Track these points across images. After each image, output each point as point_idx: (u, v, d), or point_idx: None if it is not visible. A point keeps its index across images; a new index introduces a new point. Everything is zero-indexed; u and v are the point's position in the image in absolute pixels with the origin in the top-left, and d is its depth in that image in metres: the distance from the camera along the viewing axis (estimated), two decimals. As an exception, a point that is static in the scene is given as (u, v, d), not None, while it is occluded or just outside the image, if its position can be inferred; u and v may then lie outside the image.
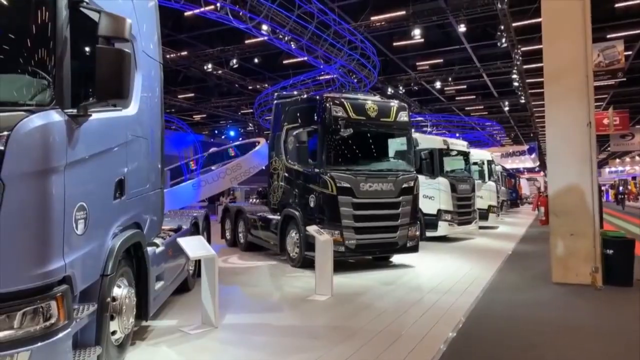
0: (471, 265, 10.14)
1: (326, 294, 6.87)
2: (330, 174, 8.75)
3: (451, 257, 11.32)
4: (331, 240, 7.04)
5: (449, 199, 14.08)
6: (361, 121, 9.18)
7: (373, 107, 9.32)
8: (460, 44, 23.45)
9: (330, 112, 8.90)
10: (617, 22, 20.34)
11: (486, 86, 30.87)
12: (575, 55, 8.22)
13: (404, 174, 9.47)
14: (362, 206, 8.94)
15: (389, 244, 9.29)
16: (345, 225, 8.79)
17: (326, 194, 8.76)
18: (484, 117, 40.94)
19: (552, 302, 7.03)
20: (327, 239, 6.91)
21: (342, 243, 8.76)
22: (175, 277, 6.19)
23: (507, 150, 47.22)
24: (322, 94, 9.16)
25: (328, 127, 8.91)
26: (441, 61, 26.36)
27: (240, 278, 8.59)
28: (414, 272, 9.34)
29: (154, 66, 5.26)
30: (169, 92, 32.37)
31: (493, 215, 18.90)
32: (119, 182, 4.04)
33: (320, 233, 6.96)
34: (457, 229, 14.39)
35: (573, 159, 8.17)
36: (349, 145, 9.37)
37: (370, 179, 9.01)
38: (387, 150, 10.08)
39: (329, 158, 8.98)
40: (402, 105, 9.85)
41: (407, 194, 9.41)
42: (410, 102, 32.21)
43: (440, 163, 14.30)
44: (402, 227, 9.36)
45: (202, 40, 21.84)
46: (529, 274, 9.14)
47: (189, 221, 7.33)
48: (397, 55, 25.27)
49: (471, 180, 15.39)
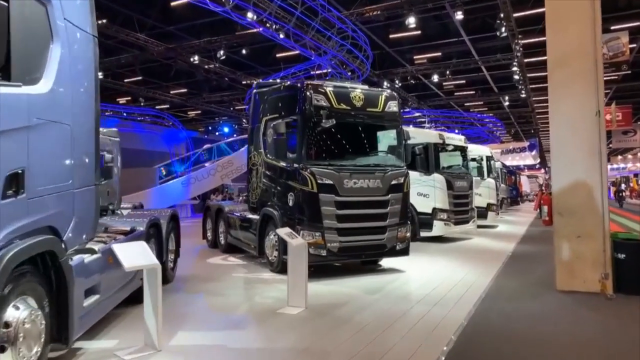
0: (467, 269, 9.30)
1: (299, 306, 6.02)
2: (311, 170, 7.89)
3: (446, 260, 10.47)
4: (305, 244, 6.19)
5: (445, 196, 13.23)
6: (345, 111, 8.32)
7: (359, 96, 8.46)
8: (458, 36, 22.60)
9: (311, 101, 8.04)
10: (621, 13, 19.47)
11: (486, 81, 29.98)
12: (583, 39, 7.34)
13: (393, 170, 8.61)
14: (346, 205, 8.09)
15: (376, 247, 8.44)
16: (327, 227, 7.94)
17: (306, 191, 7.91)
18: (483, 113, 40.06)
19: (557, 315, 6.19)
20: (301, 243, 6.06)
21: (324, 246, 7.92)
22: (122, 288, 5.35)
23: (507, 146, 46.41)
24: (302, 81, 8.29)
25: (308, 118, 8.05)
26: (439, 54, 25.49)
27: (208, 285, 7.74)
28: (403, 277, 8.48)
29: (84, 39, 4.41)
30: (161, 88, 31.57)
31: (492, 213, 18.04)
32: (10, 177, 3.19)
33: (292, 236, 6.10)
34: (454, 228, 13.53)
35: (580, 152, 7.31)
36: (331, 138, 8.52)
37: (355, 175, 8.15)
38: (375, 144, 9.22)
39: (310, 152, 8.13)
40: (391, 95, 8.99)
41: (396, 191, 8.56)
42: (408, 97, 31.34)
43: (436, 159, 13.43)
44: (391, 228, 8.51)
45: (192, 32, 20.95)
46: (530, 280, 8.30)
47: (145, 222, 6.46)
48: (394, 49, 24.39)
49: (469, 177, 14.53)
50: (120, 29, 18.67)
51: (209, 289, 7.45)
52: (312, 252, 7.85)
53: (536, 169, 58.34)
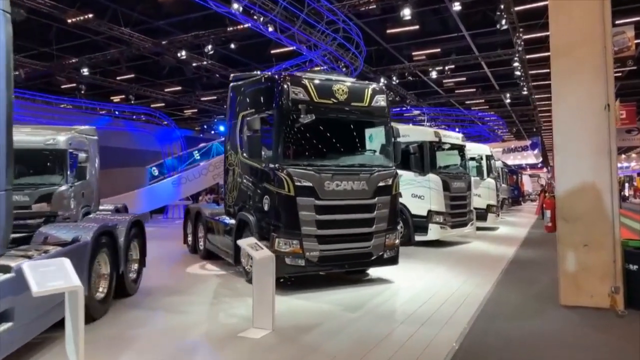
0: (463, 278, 8.52)
1: (266, 327, 5.24)
2: (287, 171, 7.11)
3: (441, 268, 9.68)
4: (272, 257, 5.40)
5: (441, 198, 12.43)
6: (327, 105, 7.53)
7: (342, 88, 7.67)
8: (458, 31, 21.81)
9: (288, 95, 7.25)
10: (627, 7, 18.63)
11: (486, 78, 29.17)
12: (591, 23, 6.55)
13: (381, 170, 7.82)
14: (327, 209, 7.30)
15: (361, 255, 7.65)
16: (306, 234, 7.15)
17: (282, 195, 7.12)
18: (484, 111, 39.21)
19: (561, 335, 5.42)
20: (266, 256, 5.28)
21: (302, 255, 7.13)
22: (50, 311, 4.57)
23: (508, 145, 45.48)
24: (280, 73, 7.51)
25: (285, 113, 7.26)
26: (438, 50, 24.69)
27: (172, 300, 6.97)
28: (391, 290, 7.69)
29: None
30: (154, 86, 30.81)
31: (492, 215, 17.21)
32: None
33: (256, 248, 5.32)
34: (451, 232, 12.74)
35: (587, 150, 6.52)
36: (312, 136, 7.74)
37: (337, 176, 7.36)
38: (361, 142, 8.41)
39: (287, 151, 7.36)
40: (379, 88, 8.19)
41: (384, 194, 7.77)
42: (407, 95, 30.55)
43: (431, 158, 12.63)
44: (378, 235, 7.72)
45: (183, 28, 20.15)
46: (531, 292, 7.51)
47: (92, 231, 5.67)
48: (392, 44, 23.62)
49: (467, 177, 13.72)
50: (102, 22, 17.90)
51: (171, 304, 6.68)
52: (289, 262, 7.10)
53: (538, 168, 57.43)
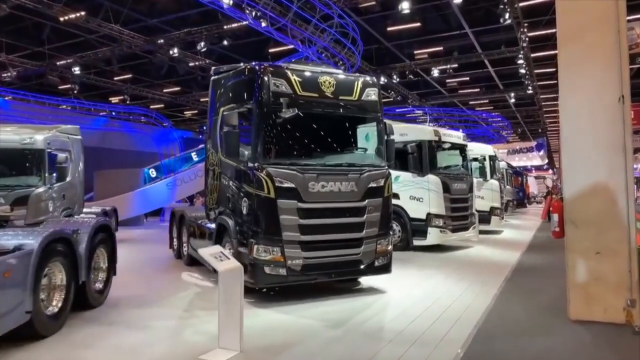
0: (463, 287, 7.84)
1: (232, 348, 4.59)
2: (267, 171, 6.46)
3: (439, 275, 8.99)
4: (239, 269, 4.74)
5: (441, 200, 11.74)
6: (312, 99, 6.88)
7: (329, 81, 7.01)
8: (461, 29, 21.14)
9: (269, 87, 6.60)
10: (636, 2, 17.89)
11: (490, 78, 28.44)
12: (603, 4, 5.88)
13: (372, 170, 7.16)
14: (311, 213, 6.64)
15: (350, 264, 6.98)
16: (288, 240, 6.50)
17: (261, 197, 6.47)
18: (489, 112, 38.45)
19: (571, 355, 4.76)
20: (232, 268, 4.62)
21: (283, 264, 6.47)
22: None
23: (513, 146, 44.67)
24: (260, 64, 6.87)
25: (265, 107, 6.61)
26: (441, 49, 24.03)
27: (139, 313, 6.33)
28: (382, 301, 7.01)
29: None
30: (153, 86, 30.29)
31: (496, 218, 16.47)
32: None
33: (221, 258, 4.67)
34: (451, 236, 12.04)
35: (599, 147, 5.84)
36: (295, 132, 7.08)
37: (323, 176, 6.70)
38: (349, 139, 7.73)
39: (267, 149, 6.70)
40: (370, 81, 7.52)
41: (375, 196, 7.11)
42: (409, 95, 29.85)
43: (431, 158, 11.94)
44: (368, 241, 7.05)
45: (178, 26, 19.59)
46: (537, 303, 6.81)
47: (41, 237, 5.01)
48: (393, 43, 22.97)
49: (468, 178, 13.02)
50: (93, 19, 17.34)
51: (135, 318, 6.03)
52: (269, 271, 6.45)
53: (544, 169, 56.51)
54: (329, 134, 7.45)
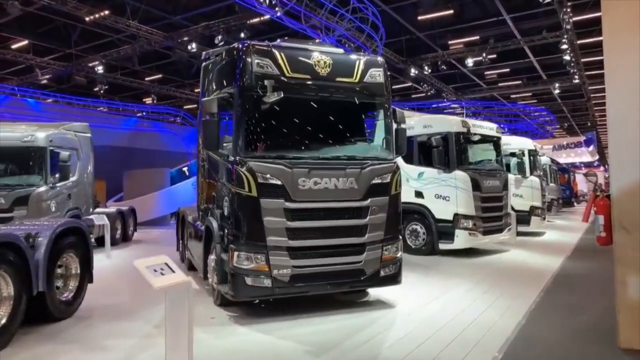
0: (489, 301, 6.67)
1: (177, 382, 3.70)
2: (249, 165, 5.54)
3: (464, 285, 7.81)
4: (185, 285, 3.81)
5: (470, 199, 10.48)
6: (303, 82, 5.90)
7: (324, 60, 6.02)
8: (498, 16, 19.60)
9: (251, 68, 5.68)
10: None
11: (532, 69, 26.54)
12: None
13: (375, 164, 6.11)
14: (301, 214, 5.68)
15: (350, 273, 5.96)
16: (274, 246, 5.55)
17: (242, 196, 5.56)
18: (532, 105, 36.16)
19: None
20: (173, 285, 3.71)
21: (268, 273, 5.53)
22: None
23: (559, 142, 41.92)
24: (245, 42, 5.95)
25: (246, 91, 5.69)
26: (477, 38, 22.48)
27: (104, 328, 5.55)
28: (388, 317, 5.93)
29: None
30: (184, 86, 30.15)
31: (537, 218, 14.92)
32: None
33: (161, 271, 3.77)
34: (482, 239, 10.75)
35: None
36: (282, 120, 6.11)
37: (316, 171, 5.72)
38: (349, 128, 6.68)
39: (250, 140, 5.77)
40: (374, 60, 6.47)
41: (379, 193, 6.06)
42: (444, 88, 28.31)
43: (458, 152, 10.69)
44: (372, 247, 6.01)
45: (199, 22, 19.16)
46: (578, 325, 5.58)
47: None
48: (424, 33, 21.65)
49: (503, 174, 11.67)
50: (118, 18, 17.04)
51: (96, 335, 5.25)
52: (251, 282, 5.53)
53: (594, 166, 53.01)
54: (325, 122, 6.44)
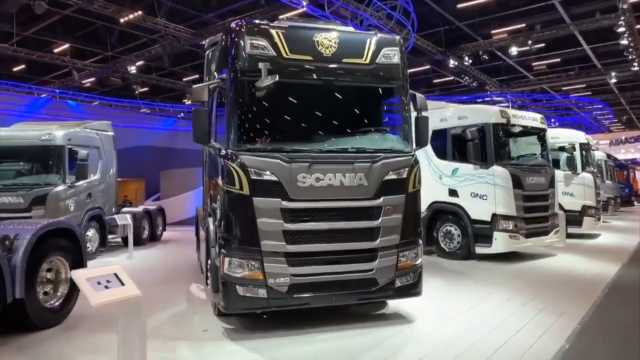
0: (528, 317, 5.70)
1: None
2: (241, 159, 4.87)
3: (499, 295, 6.84)
4: (136, 300, 3.17)
5: (510, 197, 9.40)
6: (304, 64, 5.17)
7: (329, 39, 5.26)
8: (547, 0, 18.13)
9: (244, 49, 5.02)
10: None
11: (586, 58, 24.59)
12: None
13: (389, 158, 5.29)
14: (301, 215, 4.95)
15: (359, 283, 5.17)
16: (269, 251, 4.86)
17: (233, 194, 4.90)
18: (585, 97, 33.74)
19: None
20: (115, 301, 3.08)
21: (263, 283, 4.85)
22: None
23: (617, 136, 39.15)
24: (240, 21, 5.29)
25: (238, 75, 5.02)
26: (523, 26, 20.98)
27: (78, 341, 5.03)
28: (402, 335, 5.08)
29: None
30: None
31: (590, 219, 13.47)
32: None
33: (107, 284, 3.13)
34: (525, 242, 9.62)
35: None
36: (280, 108, 5.39)
37: (318, 166, 4.98)
38: (358, 117, 5.83)
39: (242, 131, 5.07)
40: (387, 38, 5.65)
41: (394, 191, 5.24)
42: (487, 80, 26.76)
43: (497, 145, 9.64)
44: (386, 253, 5.21)
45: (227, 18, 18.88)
46: (637, 350, 4.56)
47: None
48: (465, 22, 20.42)
49: (549, 170, 10.48)
50: (141, 16, 16.96)
51: (70, 350, 4.76)
52: (244, 292, 4.86)
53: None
54: (330, 110, 5.64)
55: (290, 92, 5.22)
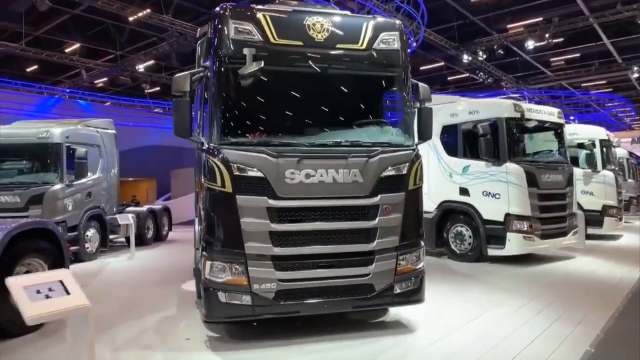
0: (542, 326, 5.20)
1: None
2: (223, 154, 4.47)
3: (511, 302, 6.31)
4: (84, 310, 2.79)
5: (525, 196, 8.85)
6: (293, 50, 4.75)
7: (321, 23, 4.83)
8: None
9: (227, 34, 4.62)
10: None
11: (607, 53, 23.70)
12: None
13: (388, 152, 4.84)
14: (289, 215, 4.54)
15: (354, 289, 4.73)
16: (254, 254, 4.45)
17: (214, 191, 4.50)
18: (606, 93, 32.65)
19: None
20: (53, 313, 2.69)
21: (247, 289, 4.44)
22: None
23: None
24: (224, 4, 4.89)
25: (222, 62, 4.63)
26: (540, 20, 20.26)
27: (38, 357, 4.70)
28: (401, 347, 4.62)
29: None
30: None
31: (611, 219, 12.78)
32: None
33: (43, 294, 2.73)
34: (541, 244, 9.06)
35: None
36: (267, 98, 4.97)
37: (308, 161, 4.55)
38: (354, 108, 5.36)
39: (225, 123, 4.67)
40: (386, 22, 5.19)
41: (393, 189, 4.79)
42: (503, 77, 26.02)
43: (511, 141, 9.10)
44: (384, 256, 4.76)
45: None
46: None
47: None
48: (479, 16, 19.81)
49: (566, 167, 9.88)
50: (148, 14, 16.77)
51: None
52: (226, 299, 4.46)
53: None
54: (322, 100, 5.20)
55: (279, 80, 4.81)
